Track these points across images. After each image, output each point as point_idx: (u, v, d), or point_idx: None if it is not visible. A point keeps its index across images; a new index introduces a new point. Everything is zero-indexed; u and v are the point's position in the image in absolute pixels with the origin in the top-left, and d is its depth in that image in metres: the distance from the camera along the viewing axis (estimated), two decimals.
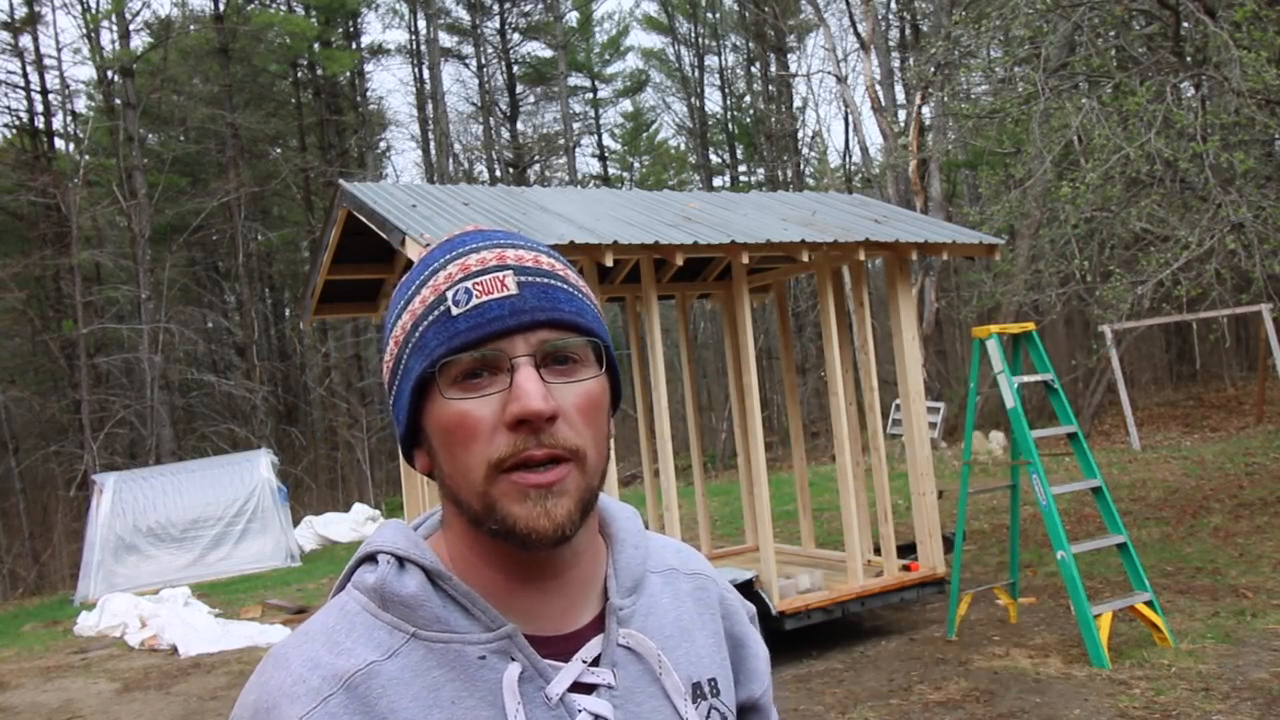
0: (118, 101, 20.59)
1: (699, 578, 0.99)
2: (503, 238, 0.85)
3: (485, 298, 0.79)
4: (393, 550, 0.83)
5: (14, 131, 21.62)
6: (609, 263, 5.50)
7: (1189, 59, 8.79)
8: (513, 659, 0.80)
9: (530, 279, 0.81)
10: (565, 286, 0.84)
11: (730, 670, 0.97)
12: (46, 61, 21.15)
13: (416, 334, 0.81)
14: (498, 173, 27.46)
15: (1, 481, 19.17)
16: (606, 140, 33.53)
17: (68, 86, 22.44)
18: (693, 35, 30.97)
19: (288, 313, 26.76)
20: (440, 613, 0.80)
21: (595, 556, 0.89)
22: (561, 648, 0.83)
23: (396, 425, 0.86)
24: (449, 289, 0.81)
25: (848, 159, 27.05)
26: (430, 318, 0.81)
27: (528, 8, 29.30)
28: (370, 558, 0.85)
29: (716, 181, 30.76)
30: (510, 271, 0.81)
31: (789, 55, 28.59)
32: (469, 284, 0.80)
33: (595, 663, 0.84)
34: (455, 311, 0.79)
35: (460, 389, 0.79)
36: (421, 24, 27.73)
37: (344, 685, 0.77)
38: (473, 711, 0.78)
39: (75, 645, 9.50)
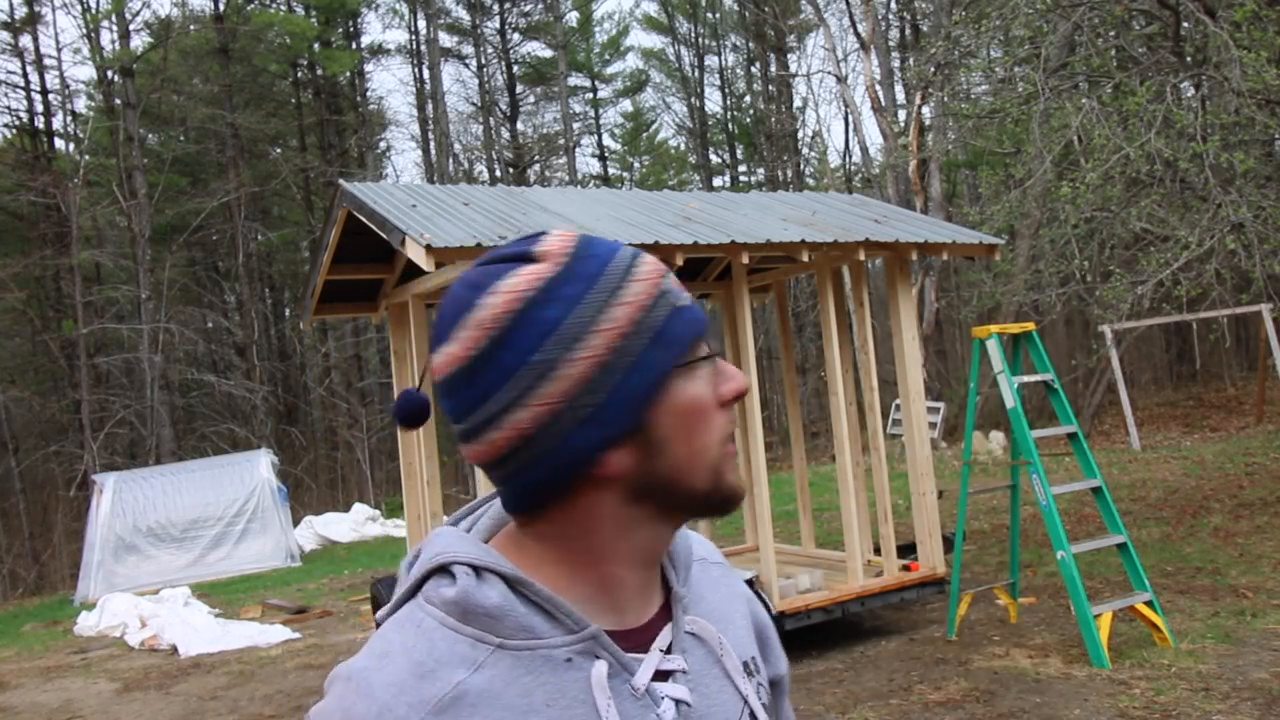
0: (118, 101, 20.60)
1: (723, 566, 1.05)
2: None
3: (688, 295, 0.86)
4: (468, 560, 0.81)
5: (14, 131, 21.64)
6: None
7: (1189, 59, 8.80)
8: (597, 657, 0.81)
9: None
10: None
11: (759, 651, 1.03)
12: (46, 61, 21.18)
13: (651, 325, 0.81)
14: (498, 173, 27.45)
15: (1, 481, 19.17)
16: (606, 140, 33.57)
17: (68, 86, 22.48)
18: (693, 35, 30.99)
19: (288, 313, 26.76)
20: (525, 620, 0.80)
21: None
22: (637, 640, 0.86)
23: (599, 428, 0.80)
24: (663, 283, 0.84)
25: (848, 159, 27.08)
26: (663, 310, 0.82)
27: (528, 8, 29.32)
28: (441, 569, 0.83)
29: (716, 181, 30.78)
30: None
31: (789, 55, 28.61)
32: (671, 281, 0.85)
33: (667, 650, 0.87)
34: (680, 304, 0.83)
35: (689, 378, 0.84)
36: (421, 24, 27.75)
37: (433, 710, 0.76)
38: (568, 711, 0.79)
39: (75, 645, 9.51)
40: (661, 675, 0.85)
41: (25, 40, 20.71)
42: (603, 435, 0.80)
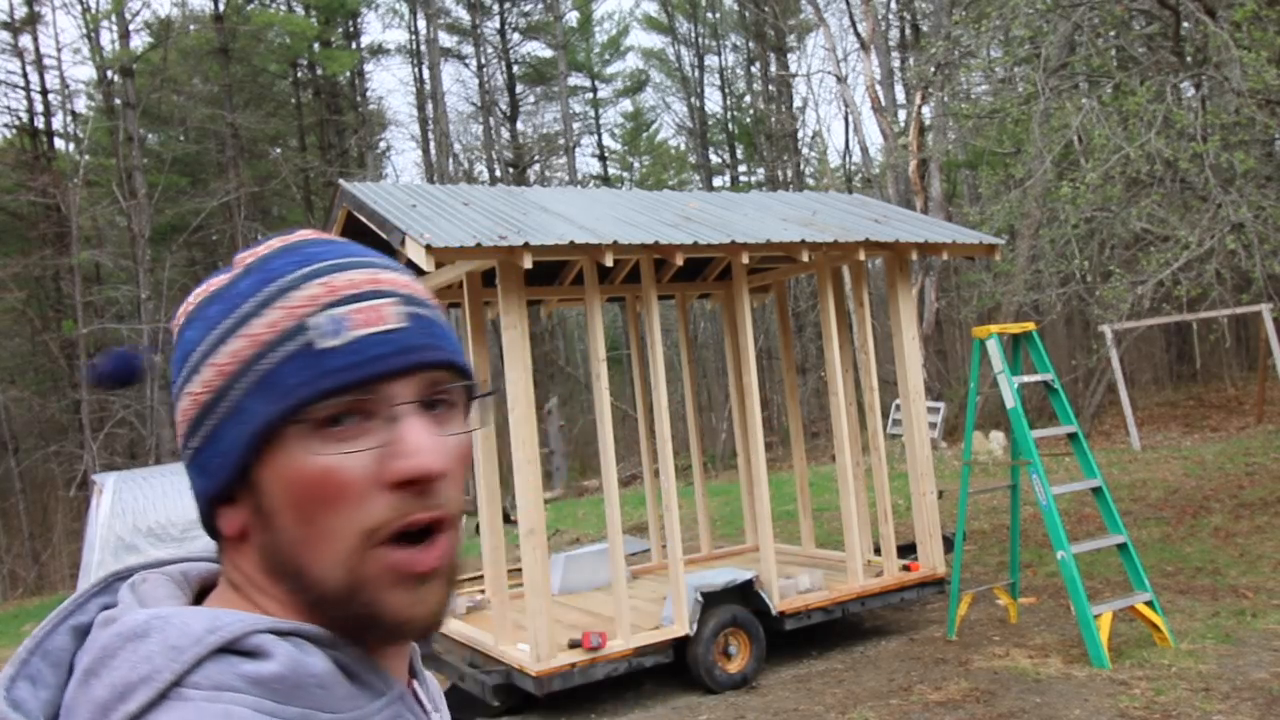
0: (118, 101, 20.59)
1: None
2: (360, 253, 0.71)
3: (364, 330, 0.65)
4: (268, 627, 0.64)
5: (14, 131, 21.64)
6: (609, 263, 5.50)
7: (1189, 59, 8.80)
8: None
9: (413, 310, 0.69)
10: (441, 320, 0.72)
11: None
12: (46, 61, 21.17)
13: (262, 366, 0.65)
14: (498, 173, 27.45)
15: (1, 481, 19.17)
16: (606, 140, 33.55)
17: (68, 86, 22.46)
18: (693, 35, 30.98)
19: None
20: (349, 688, 0.65)
21: None
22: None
23: (202, 477, 0.69)
24: (312, 315, 0.66)
25: (848, 159, 27.08)
26: (285, 349, 0.65)
27: (528, 8, 29.32)
28: (227, 648, 0.62)
29: (716, 181, 30.77)
30: (390, 300, 0.68)
31: (789, 55, 28.61)
32: (343, 311, 0.66)
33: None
34: (325, 345, 0.65)
35: (323, 439, 0.65)
36: (421, 24, 27.74)
37: None
38: None
39: None
40: None
41: (25, 40, 20.73)
42: (204, 485, 0.70)
